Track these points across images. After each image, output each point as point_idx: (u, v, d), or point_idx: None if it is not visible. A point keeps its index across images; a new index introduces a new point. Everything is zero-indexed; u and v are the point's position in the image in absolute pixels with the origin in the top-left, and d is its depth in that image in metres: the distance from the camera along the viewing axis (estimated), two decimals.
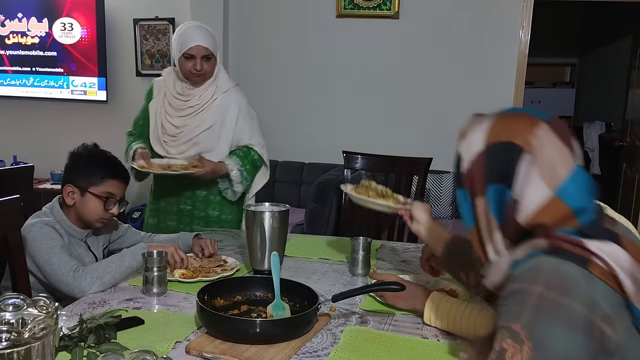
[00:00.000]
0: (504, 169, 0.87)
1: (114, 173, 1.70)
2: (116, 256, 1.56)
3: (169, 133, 2.18)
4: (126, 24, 4.12)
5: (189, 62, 2.09)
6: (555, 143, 0.86)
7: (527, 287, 0.78)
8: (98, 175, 1.65)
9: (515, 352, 0.74)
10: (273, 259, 1.37)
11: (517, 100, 3.82)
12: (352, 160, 2.59)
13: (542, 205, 0.84)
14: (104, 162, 1.70)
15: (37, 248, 1.54)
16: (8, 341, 0.73)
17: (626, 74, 5.25)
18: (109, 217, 1.70)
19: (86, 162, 1.69)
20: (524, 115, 0.91)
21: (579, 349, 0.73)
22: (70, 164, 1.70)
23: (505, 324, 0.77)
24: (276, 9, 4.08)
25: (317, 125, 4.15)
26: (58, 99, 4.22)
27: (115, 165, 1.72)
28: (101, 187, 1.65)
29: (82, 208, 1.66)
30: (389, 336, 1.23)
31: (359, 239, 1.65)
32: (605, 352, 0.74)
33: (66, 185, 1.66)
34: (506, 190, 0.87)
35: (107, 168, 1.69)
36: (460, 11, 3.81)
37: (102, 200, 1.65)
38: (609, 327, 0.74)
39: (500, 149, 0.88)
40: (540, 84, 7.59)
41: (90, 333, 1.11)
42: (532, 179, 0.84)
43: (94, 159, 1.70)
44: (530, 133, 0.86)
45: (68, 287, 1.47)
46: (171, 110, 2.19)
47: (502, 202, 0.87)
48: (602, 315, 0.74)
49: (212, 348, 1.12)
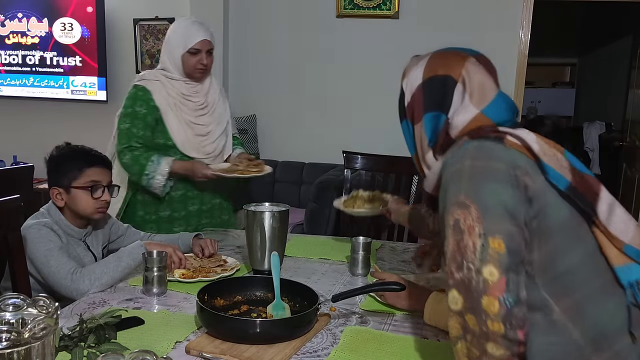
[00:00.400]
0: (440, 98, 1.04)
1: (90, 161, 1.68)
2: (113, 256, 1.56)
3: (201, 133, 2.15)
4: (126, 24, 4.12)
5: (195, 57, 2.06)
6: (482, 73, 1.05)
7: (458, 166, 0.93)
8: (75, 168, 1.65)
9: (466, 216, 0.88)
10: (273, 259, 1.37)
11: (517, 100, 3.82)
12: (352, 160, 2.59)
13: (469, 120, 1.00)
14: (78, 155, 1.70)
15: (35, 250, 1.53)
16: (8, 341, 0.73)
17: (626, 74, 5.26)
18: (103, 205, 1.68)
19: (61, 160, 1.68)
20: (455, 52, 1.10)
21: (511, 197, 0.88)
22: (49, 168, 1.70)
23: (450, 202, 0.91)
24: (276, 9, 4.08)
25: (317, 125, 4.15)
26: (58, 99, 4.22)
27: (89, 154, 1.71)
28: (82, 178, 1.64)
29: (74, 204, 1.65)
30: (389, 336, 1.23)
31: (359, 239, 1.65)
32: (528, 199, 0.89)
33: (51, 189, 1.65)
34: (441, 115, 1.04)
35: (82, 159, 1.68)
36: (460, 11, 3.81)
37: (88, 189, 1.64)
38: (528, 178, 0.89)
39: (436, 82, 1.05)
40: (540, 84, 7.60)
41: (90, 333, 1.11)
42: (464, 103, 1.02)
43: (67, 155, 1.70)
44: (462, 66, 1.04)
45: (66, 289, 1.47)
46: (190, 111, 2.13)
47: (437, 126, 1.05)
48: (522, 171, 0.89)
49: (212, 348, 1.12)
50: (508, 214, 0.87)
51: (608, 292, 0.89)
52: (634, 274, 0.89)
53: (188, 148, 2.12)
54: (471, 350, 0.86)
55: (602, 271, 0.90)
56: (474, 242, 0.86)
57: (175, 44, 2.09)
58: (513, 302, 0.84)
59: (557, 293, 0.88)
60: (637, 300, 0.87)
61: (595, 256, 0.90)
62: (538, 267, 0.89)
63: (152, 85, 2.09)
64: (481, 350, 0.85)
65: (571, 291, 0.88)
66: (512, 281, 0.85)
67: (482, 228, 0.86)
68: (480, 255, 0.85)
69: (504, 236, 0.86)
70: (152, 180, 2.04)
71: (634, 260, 0.90)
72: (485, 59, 1.09)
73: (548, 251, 0.89)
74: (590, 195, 0.92)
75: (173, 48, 2.09)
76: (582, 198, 0.91)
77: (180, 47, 2.07)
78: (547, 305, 0.88)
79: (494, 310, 0.83)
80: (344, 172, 2.59)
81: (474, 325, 0.85)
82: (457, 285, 0.87)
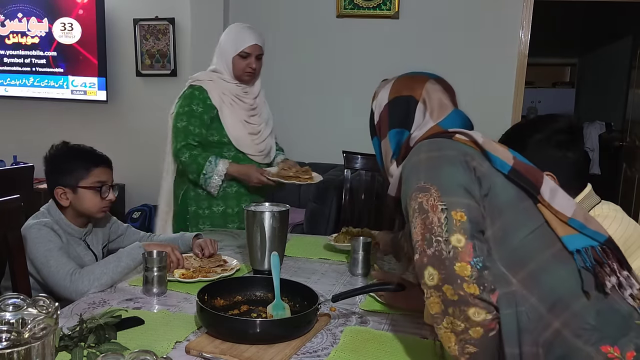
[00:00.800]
0: (403, 116, 1.18)
1: (97, 161, 1.70)
2: (113, 257, 1.56)
3: (253, 132, 2.23)
4: (126, 24, 4.12)
5: (244, 60, 2.15)
6: (440, 93, 1.19)
7: (414, 160, 1.04)
8: (82, 168, 1.65)
9: (428, 197, 0.97)
10: (273, 259, 1.37)
11: (517, 100, 3.82)
12: (352, 160, 2.59)
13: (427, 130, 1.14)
14: (83, 155, 1.70)
15: (35, 251, 1.54)
16: (8, 341, 0.73)
17: (626, 74, 5.25)
18: (108, 204, 1.71)
19: (66, 160, 1.68)
20: (417, 75, 1.23)
21: (465, 177, 0.99)
22: (50, 168, 1.69)
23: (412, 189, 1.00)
24: (276, 9, 4.08)
25: (317, 125, 4.14)
26: (58, 99, 4.22)
27: (94, 154, 1.72)
28: (90, 179, 1.66)
29: (79, 204, 1.66)
30: (388, 336, 1.23)
31: (359, 239, 1.65)
32: (477, 179, 0.99)
33: (56, 189, 1.65)
34: (404, 132, 1.18)
35: (88, 159, 1.69)
36: (461, 11, 3.81)
37: (97, 190, 1.66)
38: (476, 163, 1.01)
39: (400, 101, 1.19)
40: (540, 84, 7.59)
41: (90, 333, 1.11)
42: (425, 119, 1.16)
43: (71, 154, 1.70)
44: (422, 87, 1.18)
45: (66, 290, 1.47)
46: (243, 111, 2.21)
47: (400, 140, 1.18)
48: (470, 157, 1.01)
49: (212, 348, 1.12)
50: (464, 190, 0.97)
51: (559, 260, 0.95)
52: (580, 242, 0.96)
53: (242, 144, 2.20)
54: (455, 323, 0.92)
55: (551, 242, 0.97)
56: (438, 217, 0.95)
57: (227, 47, 2.17)
58: (482, 265, 0.92)
59: (513, 266, 0.95)
60: (585, 264, 0.94)
61: (543, 229, 0.98)
62: (493, 243, 0.97)
63: (208, 85, 2.18)
64: (464, 318, 0.91)
65: (525, 263, 0.95)
66: (477, 247, 0.93)
67: (444, 205, 0.96)
68: (446, 227, 0.94)
69: (464, 208, 0.95)
70: (209, 179, 2.13)
71: (579, 231, 0.98)
72: (443, 81, 1.23)
73: (500, 227, 0.97)
74: (533, 179, 1.01)
75: (225, 50, 2.18)
76: (526, 180, 1.00)
77: (231, 50, 2.15)
78: (505, 279, 0.94)
79: (467, 272, 0.91)
80: (344, 172, 2.59)
81: (452, 295, 0.91)
82: (430, 261, 0.94)
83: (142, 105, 4.17)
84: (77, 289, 1.46)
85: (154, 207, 4.01)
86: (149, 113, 4.15)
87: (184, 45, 4.02)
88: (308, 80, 4.12)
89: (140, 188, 4.20)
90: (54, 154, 1.71)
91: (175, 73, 4.07)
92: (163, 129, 4.34)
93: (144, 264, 1.43)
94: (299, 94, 4.14)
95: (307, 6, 4.02)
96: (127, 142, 4.19)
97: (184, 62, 4.04)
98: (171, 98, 4.37)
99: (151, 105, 4.14)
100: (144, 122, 4.17)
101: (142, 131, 4.18)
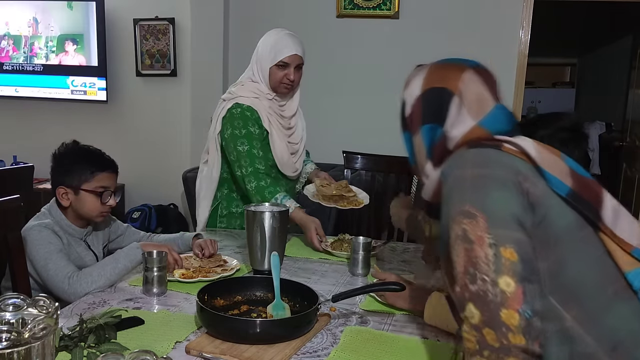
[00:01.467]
0: (437, 110, 1.03)
1: (103, 166, 1.68)
2: (110, 258, 1.55)
3: (292, 152, 2.13)
4: (126, 24, 4.12)
5: (282, 71, 2.01)
6: (480, 85, 1.02)
7: (458, 174, 0.92)
8: (88, 171, 1.64)
9: (474, 226, 0.86)
10: (273, 259, 1.37)
11: (517, 100, 3.82)
12: (352, 160, 2.59)
13: (466, 132, 0.99)
14: (90, 157, 1.68)
15: (35, 253, 1.53)
16: (8, 341, 0.73)
17: (626, 74, 5.26)
18: (108, 210, 1.70)
19: (73, 160, 1.66)
20: (454, 63, 1.07)
21: (517, 205, 0.87)
22: (56, 166, 1.68)
23: (456, 211, 0.89)
24: (276, 9, 4.07)
25: (317, 125, 4.12)
26: (58, 99, 4.22)
27: (102, 158, 1.70)
28: (94, 182, 1.64)
29: (80, 206, 1.65)
30: (389, 336, 1.23)
31: (359, 239, 1.65)
32: (530, 205, 0.88)
33: (58, 188, 1.64)
34: (437, 128, 1.03)
35: (95, 162, 1.67)
36: (460, 11, 3.81)
37: (98, 195, 1.64)
38: (530, 184, 0.89)
39: (433, 94, 1.04)
40: (540, 84, 7.60)
41: (90, 333, 1.11)
42: (461, 116, 1.00)
43: (79, 155, 1.68)
44: (459, 79, 1.02)
45: (64, 293, 1.47)
46: (285, 130, 2.11)
47: (433, 138, 1.04)
48: (523, 176, 0.89)
49: (212, 348, 1.12)
50: (516, 222, 0.86)
51: (622, 298, 0.86)
52: None
53: (285, 167, 2.10)
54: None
55: (614, 277, 0.87)
56: (485, 253, 0.84)
57: (264, 55, 2.03)
58: (531, 312, 0.82)
59: (567, 301, 0.86)
60: None
61: (604, 262, 0.88)
62: (546, 276, 0.86)
63: (256, 104, 2.03)
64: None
65: (581, 298, 0.86)
66: (528, 291, 0.83)
67: (492, 238, 0.84)
68: (494, 267, 0.83)
69: (515, 245, 0.84)
70: None
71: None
72: (484, 70, 1.06)
73: (555, 259, 0.87)
74: (594, 200, 0.90)
75: (261, 59, 2.04)
76: (585, 204, 0.89)
77: (268, 59, 2.01)
78: (558, 315, 0.86)
79: (515, 322, 0.81)
80: (344, 172, 2.59)
81: (493, 340, 0.82)
82: (473, 298, 0.84)
83: (142, 105, 4.17)
84: (75, 292, 1.46)
85: (153, 207, 4.01)
86: (149, 113, 4.15)
87: (184, 45, 4.02)
88: (308, 80, 4.10)
89: (140, 188, 4.20)
90: (62, 152, 1.69)
91: (175, 73, 4.07)
92: (163, 129, 4.35)
93: (143, 264, 1.43)
94: (299, 93, 4.13)
95: (307, 6, 4.02)
96: (127, 142, 4.19)
97: (184, 62, 4.04)
98: (171, 98, 4.37)
99: (151, 105, 4.14)
100: (144, 122, 4.17)
101: (142, 131, 4.18)
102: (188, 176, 3.49)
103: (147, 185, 4.19)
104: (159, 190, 4.16)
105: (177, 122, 4.10)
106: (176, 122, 4.10)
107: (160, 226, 3.97)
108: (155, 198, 4.13)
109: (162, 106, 4.14)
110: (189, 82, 4.02)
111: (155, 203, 4.08)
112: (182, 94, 4.06)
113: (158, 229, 3.95)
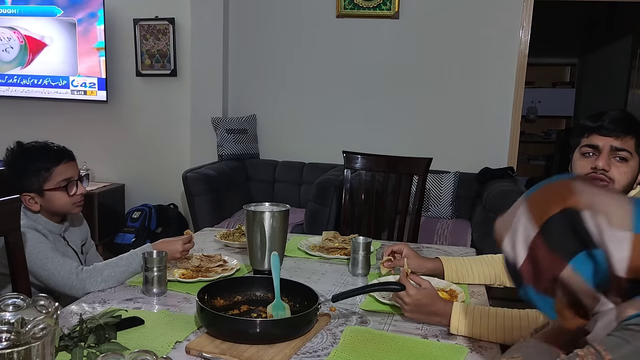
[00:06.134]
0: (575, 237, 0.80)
1: (57, 159, 1.60)
2: (123, 260, 1.54)
3: None
4: (126, 24, 4.11)
5: None
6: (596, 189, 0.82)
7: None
8: (43, 170, 1.57)
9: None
10: (273, 259, 1.37)
11: (517, 100, 3.82)
12: (352, 160, 2.59)
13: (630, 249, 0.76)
14: (41, 155, 1.60)
15: (28, 256, 1.51)
16: (8, 341, 0.73)
17: (626, 74, 5.26)
18: (80, 199, 1.64)
19: (25, 164, 1.58)
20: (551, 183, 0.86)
21: None
22: (10, 175, 1.60)
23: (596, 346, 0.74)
24: (276, 9, 4.08)
25: (317, 125, 4.15)
26: (58, 99, 4.22)
27: (53, 151, 1.62)
28: (54, 179, 1.58)
29: (50, 206, 1.61)
30: (389, 336, 1.23)
31: (359, 239, 1.65)
32: None
33: (22, 196, 1.56)
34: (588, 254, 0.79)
35: (47, 158, 1.59)
36: (461, 11, 3.81)
37: (63, 188, 1.59)
38: None
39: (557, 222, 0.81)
40: (540, 84, 7.59)
41: (90, 333, 1.11)
42: (605, 230, 0.78)
43: (28, 157, 1.60)
44: (571, 193, 0.81)
45: (72, 289, 1.47)
46: None
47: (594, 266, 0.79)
48: None
49: (212, 348, 1.12)
50: None
51: None
52: None
53: None
54: None
55: None
56: None
57: None
58: None
59: None
60: None
61: None
62: None
63: None
64: None
65: None
66: None
67: None
68: None
69: None
70: None
71: None
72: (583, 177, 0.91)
73: None
74: None
75: None
76: None
77: None
78: None
79: None
80: (344, 172, 2.59)
81: None
82: None
83: (142, 105, 4.17)
84: (84, 287, 1.46)
85: (153, 207, 4.01)
86: (149, 113, 4.15)
87: (184, 45, 4.02)
88: (308, 80, 4.12)
89: (140, 188, 4.19)
90: (11, 159, 1.60)
91: (175, 73, 4.06)
92: (163, 129, 4.34)
93: (144, 264, 1.43)
94: (299, 93, 4.14)
95: (307, 6, 4.02)
96: (127, 142, 4.19)
97: (184, 62, 4.04)
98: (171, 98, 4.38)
99: (151, 105, 4.14)
100: (144, 122, 4.17)
101: (142, 131, 4.18)
102: (188, 176, 3.49)
103: (147, 185, 4.19)
104: (159, 190, 4.16)
105: (177, 122, 4.10)
106: (176, 122, 4.10)
107: (160, 226, 3.97)
108: (155, 198, 4.13)
109: (162, 106, 4.13)
110: (189, 82, 4.02)
111: (155, 203, 4.08)
112: (182, 94, 4.05)
113: (158, 229, 3.95)
